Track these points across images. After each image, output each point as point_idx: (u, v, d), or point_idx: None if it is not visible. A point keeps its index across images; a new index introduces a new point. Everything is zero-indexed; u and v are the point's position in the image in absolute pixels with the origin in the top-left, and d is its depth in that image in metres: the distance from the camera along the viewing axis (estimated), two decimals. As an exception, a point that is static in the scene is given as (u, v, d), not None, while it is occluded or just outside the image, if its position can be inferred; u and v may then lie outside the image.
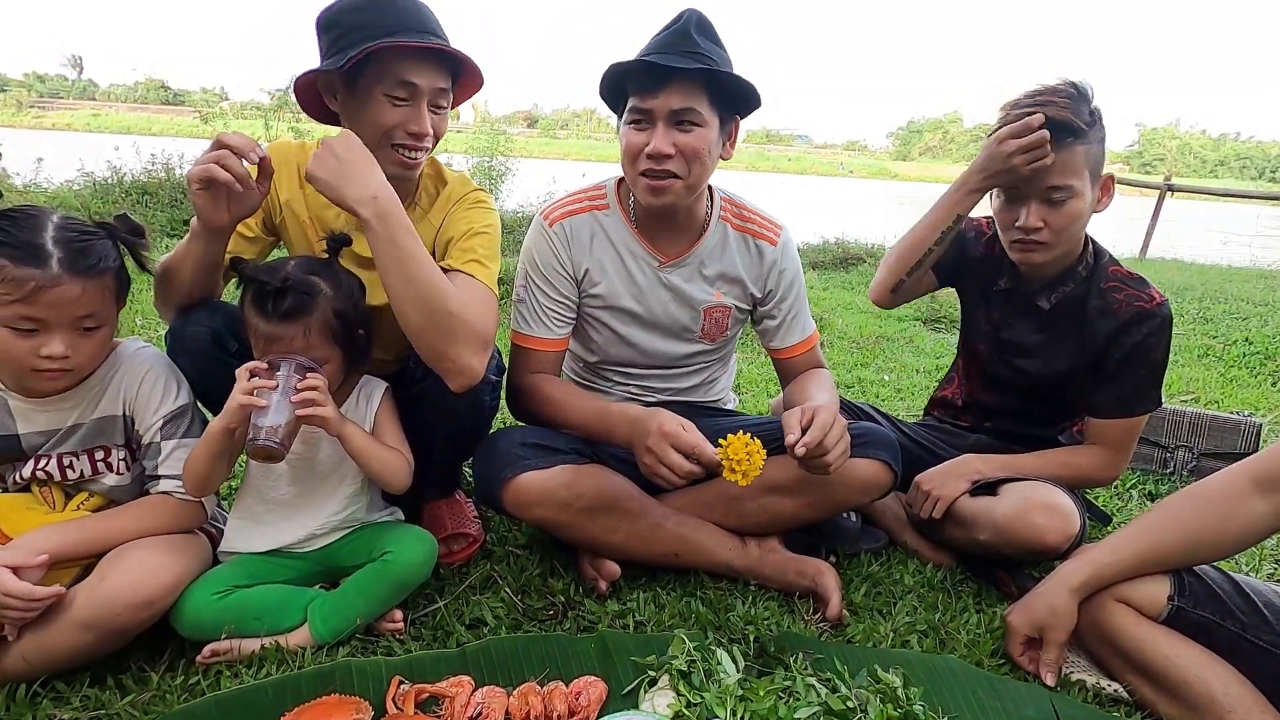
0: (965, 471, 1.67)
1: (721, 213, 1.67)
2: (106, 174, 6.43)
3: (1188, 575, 1.25)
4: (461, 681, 1.21)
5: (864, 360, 3.62)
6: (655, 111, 1.46)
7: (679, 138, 1.46)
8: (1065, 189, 1.51)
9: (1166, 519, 1.27)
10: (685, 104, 1.44)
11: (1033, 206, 1.54)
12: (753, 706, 1.09)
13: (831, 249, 6.87)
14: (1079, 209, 1.54)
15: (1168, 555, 1.25)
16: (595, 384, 1.79)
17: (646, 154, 1.47)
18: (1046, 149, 1.48)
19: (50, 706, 1.16)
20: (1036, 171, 1.51)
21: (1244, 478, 1.20)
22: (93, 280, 1.20)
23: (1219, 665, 1.18)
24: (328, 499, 1.43)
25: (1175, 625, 1.23)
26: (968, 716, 1.17)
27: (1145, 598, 1.25)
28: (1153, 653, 1.21)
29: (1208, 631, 1.20)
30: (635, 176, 1.52)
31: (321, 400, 1.26)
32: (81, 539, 1.25)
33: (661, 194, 1.51)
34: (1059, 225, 1.54)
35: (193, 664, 1.26)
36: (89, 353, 1.25)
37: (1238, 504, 1.20)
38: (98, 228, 1.26)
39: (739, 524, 1.64)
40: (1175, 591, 1.23)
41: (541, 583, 1.57)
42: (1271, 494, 1.17)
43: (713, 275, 1.67)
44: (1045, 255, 1.59)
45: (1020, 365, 1.74)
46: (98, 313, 1.22)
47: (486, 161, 8.41)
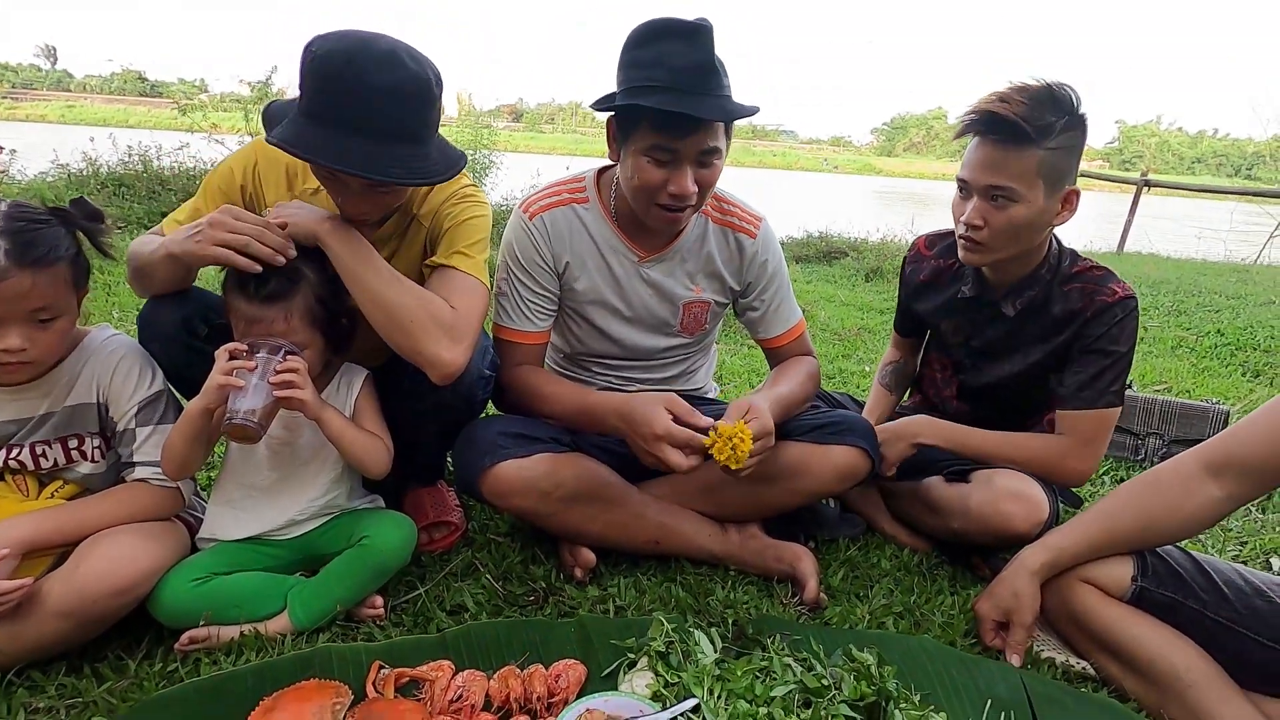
0: (908, 434, 1.71)
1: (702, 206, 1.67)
2: (81, 166, 6.32)
3: (1151, 556, 1.28)
4: (442, 665, 1.22)
5: (846, 352, 3.65)
6: (682, 153, 1.41)
7: (701, 174, 1.44)
8: (1006, 190, 1.49)
9: (1121, 504, 1.31)
10: (713, 143, 1.42)
11: (975, 203, 1.53)
12: (730, 685, 1.11)
13: (815, 242, 6.92)
14: (1022, 215, 1.50)
15: (1123, 539, 1.29)
16: (576, 374, 1.80)
17: (670, 193, 1.44)
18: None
19: (25, 695, 1.15)
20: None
21: (1196, 462, 1.24)
22: (44, 271, 1.16)
23: (1181, 642, 1.21)
24: (308, 485, 1.43)
25: (1140, 604, 1.26)
26: (940, 694, 1.20)
27: (1110, 579, 1.28)
28: (1118, 632, 1.25)
29: (1170, 610, 1.23)
30: (648, 207, 1.49)
31: (300, 383, 1.26)
32: (55, 527, 1.24)
33: (677, 224, 1.53)
34: (997, 226, 1.52)
35: (171, 652, 1.26)
36: (47, 344, 1.22)
37: (1190, 488, 1.23)
38: (50, 214, 1.22)
39: (719, 511, 1.66)
40: (1139, 572, 1.26)
41: (523, 569, 1.58)
42: (1222, 477, 1.21)
43: (692, 270, 1.67)
44: (983, 256, 1.58)
45: (993, 372, 1.75)
46: (53, 304, 1.19)
47: (470, 154, 8.37)
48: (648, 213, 1.50)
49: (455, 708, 1.12)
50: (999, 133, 1.48)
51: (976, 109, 1.51)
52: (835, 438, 1.60)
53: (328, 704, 1.10)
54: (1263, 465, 1.17)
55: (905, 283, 1.92)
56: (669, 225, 1.52)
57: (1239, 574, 1.26)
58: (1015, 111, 1.45)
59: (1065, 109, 1.48)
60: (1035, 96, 1.47)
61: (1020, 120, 1.44)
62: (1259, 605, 1.19)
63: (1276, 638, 1.16)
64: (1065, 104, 1.48)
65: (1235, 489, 1.21)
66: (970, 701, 1.17)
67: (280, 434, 1.39)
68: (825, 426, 1.63)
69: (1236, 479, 1.20)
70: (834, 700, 1.08)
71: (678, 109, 1.34)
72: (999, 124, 1.47)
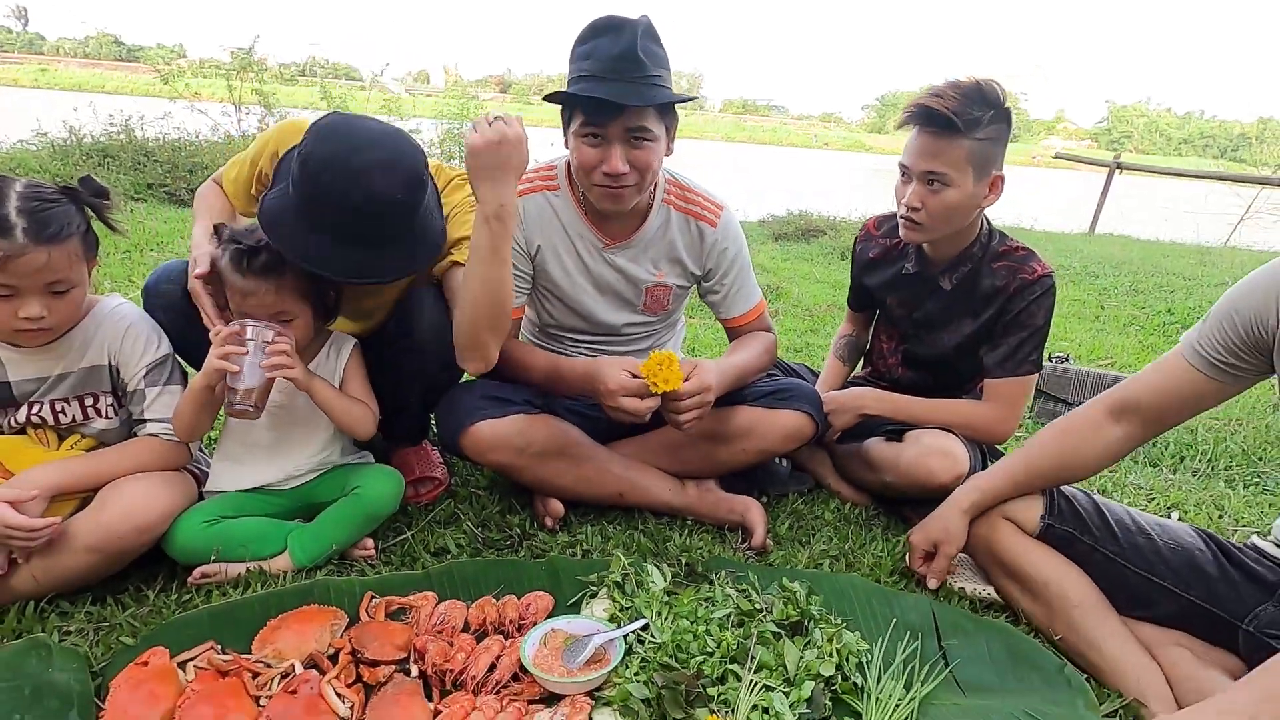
0: (853, 405, 1.90)
1: (665, 195, 1.78)
2: (64, 135, 6.29)
3: (1058, 496, 1.47)
4: (426, 596, 1.39)
5: (814, 327, 3.82)
6: (609, 134, 1.53)
7: (633, 154, 1.55)
8: (940, 176, 1.66)
9: (1038, 446, 1.48)
10: (639, 123, 1.53)
11: (914, 187, 1.71)
12: (675, 609, 1.28)
13: (795, 220, 7.05)
14: (954, 199, 1.68)
15: (1040, 476, 1.47)
16: (550, 345, 1.94)
17: (604, 172, 1.55)
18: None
19: (57, 620, 1.31)
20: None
21: (1102, 408, 1.41)
22: (58, 247, 1.28)
23: (1072, 571, 1.40)
24: (304, 443, 1.58)
25: (1047, 539, 1.45)
26: (860, 620, 1.38)
27: (1024, 517, 1.47)
28: (1023, 561, 1.44)
29: (1069, 543, 1.43)
30: (590, 185, 1.62)
31: (289, 362, 1.41)
32: (78, 474, 1.39)
33: (619, 201, 1.62)
34: (934, 209, 1.70)
35: (185, 585, 1.42)
36: (64, 312, 1.35)
37: (1096, 430, 1.41)
38: (61, 193, 1.34)
39: (679, 468, 1.83)
40: (1046, 511, 1.45)
41: (500, 518, 1.74)
42: (1123, 420, 1.38)
43: (655, 256, 1.79)
44: (922, 235, 1.77)
45: (933, 340, 1.93)
46: (66, 276, 1.32)
47: (456, 127, 8.35)
48: (592, 192, 1.63)
49: (438, 629, 1.29)
50: (934, 125, 1.65)
51: (915, 103, 1.68)
52: (784, 403, 1.77)
53: (326, 624, 1.27)
54: (1156, 410, 1.36)
55: (856, 260, 2.09)
56: (612, 203, 1.62)
57: (1129, 515, 1.45)
58: (948, 106, 1.62)
59: (992, 103, 1.65)
60: (966, 93, 1.63)
61: (952, 115, 1.61)
62: (1140, 541, 1.39)
63: (1149, 568, 1.36)
64: (992, 99, 1.65)
65: (1132, 430, 1.38)
66: (885, 625, 1.36)
67: (277, 398, 1.53)
68: (776, 393, 1.80)
69: (1134, 422, 1.37)
70: (763, 619, 1.26)
71: (591, 94, 1.49)
72: (934, 117, 1.64)
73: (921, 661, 1.27)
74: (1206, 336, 1.28)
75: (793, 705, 1.10)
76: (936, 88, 1.67)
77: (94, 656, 1.22)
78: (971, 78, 1.67)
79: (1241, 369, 1.26)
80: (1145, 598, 1.36)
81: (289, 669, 1.17)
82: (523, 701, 1.16)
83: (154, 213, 5.11)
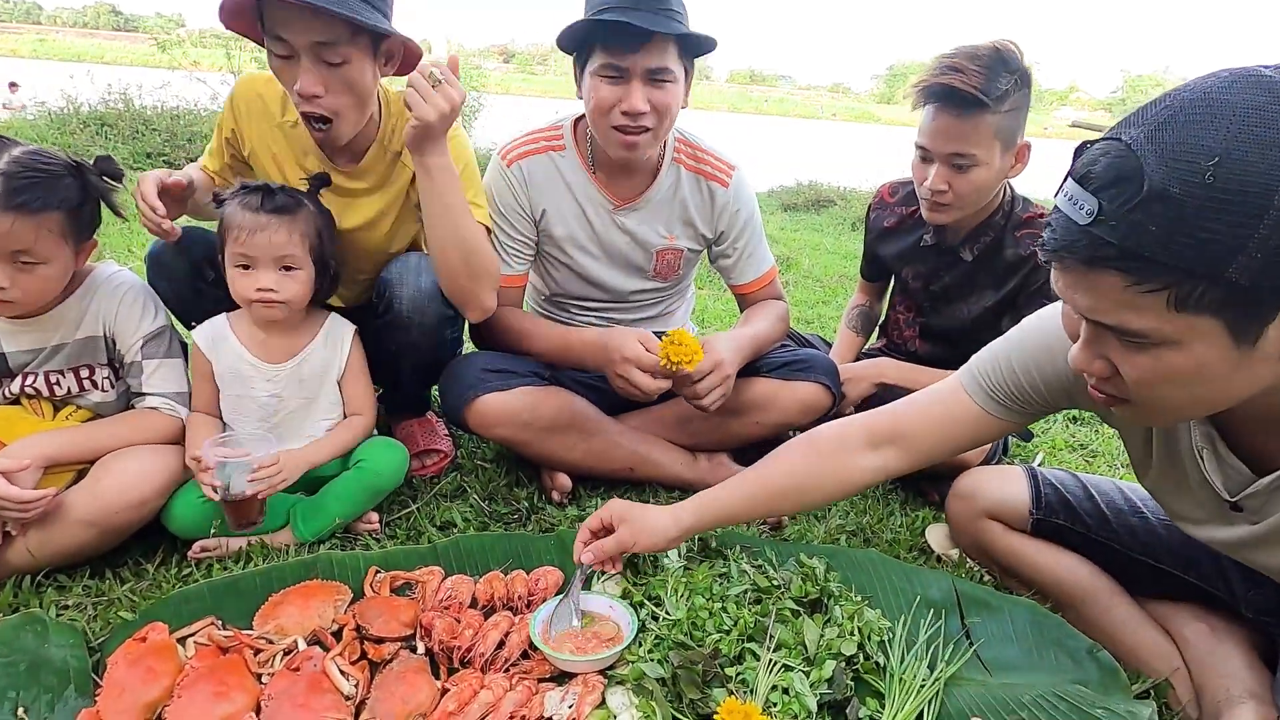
0: (871, 374, 1.84)
1: (675, 154, 1.71)
2: (61, 104, 6.21)
3: (1044, 487, 1.37)
4: (433, 571, 1.34)
5: (826, 298, 3.75)
6: (631, 70, 1.47)
7: (653, 94, 1.49)
8: (968, 157, 1.58)
9: (775, 463, 1.29)
10: (660, 63, 1.47)
11: (938, 170, 1.62)
12: (691, 585, 1.24)
13: (804, 191, 6.94)
14: (983, 177, 1.60)
15: (776, 497, 1.28)
16: (556, 315, 1.88)
17: (622, 111, 1.49)
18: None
19: (54, 594, 1.28)
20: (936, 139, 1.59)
21: (859, 431, 1.25)
22: (25, 217, 1.21)
23: (1073, 562, 1.33)
24: (297, 436, 1.52)
25: (1039, 533, 1.37)
26: (880, 597, 1.33)
27: (1011, 513, 1.38)
28: (1019, 560, 1.37)
29: (1063, 534, 1.35)
30: (607, 130, 1.54)
31: (278, 481, 1.36)
32: (74, 445, 1.35)
33: (635, 149, 1.55)
34: (961, 190, 1.62)
35: (185, 559, 1.38)
36: (30, 287, 1.27)
37: (846, 455, 1.24)
38: (67, 167, 1.28)
39: (690, 441, 1.78)
40: (1034, 506, 1.36)
41: (507, 491, 1.70)
42: (883, 448, 1.23)
43: (666, 218, 1.73)
44: (949, 216, 1.69)
45: (952, 313, 1.86)
46: (34, 250, 1.24)
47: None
48: (607, 138, 1.55)
49: (444, 605, 1.25)
50: (956, 104, 1.55)
51: (931, 80, 1.57)
52: (800, 374, 1.72)
53: (330, 600, 1.23)
54: (925, 442, 1.21)
55: (870, 229, 2.01)
56: (627, 150, 1.55)
57: (1120, 491, 1.36)
58: (971, 83, 1.51)
59: (1013, 68, 1.54)
60: (987, 64, 1.52)
61: (978, 92, 1.51)
62: (1134, 523, 1.31)
63: (1146, 551, 1.28)
64: (1013, 63, 1.55)
65: (890, 461, 1.23)
66: (906, 602, 1.31)
67: (269, 402, 1.49)
68: (791, 364, 1.74)
69: (895, 452, 1.22)
70: (782, 596, 1.21)
71: (617, 18, 1.42)
72: (956, 96, 1.53)
73: (944, 640, 1.23)
74: (991, 375, 1.15)
75: (813, 685, 1.06)
76: (952, 60, 1.55)
77: (91, 632, 1.19)
78: (988, 43, 1.56)
79: (1028, 409, 1.15)
80: (1147, 581, 1.29)
81: (291, 646, 1.13)
82: (532, 680, 1.12)
83: (153, 183, 5.02)
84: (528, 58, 66.70)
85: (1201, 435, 0.97)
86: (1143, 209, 0.70)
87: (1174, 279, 0.70)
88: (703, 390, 1.53)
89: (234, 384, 1.48)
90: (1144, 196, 0.69)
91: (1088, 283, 0.76)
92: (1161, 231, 0.69)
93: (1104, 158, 0.74)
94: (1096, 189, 0.73)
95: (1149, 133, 0.71)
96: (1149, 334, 0.75)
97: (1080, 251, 0.75)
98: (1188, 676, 1.18)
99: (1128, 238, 0.71)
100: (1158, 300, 0.72)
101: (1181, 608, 1.27)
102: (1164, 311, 0.72)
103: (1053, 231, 0.78)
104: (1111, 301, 0.75)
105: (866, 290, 2.17)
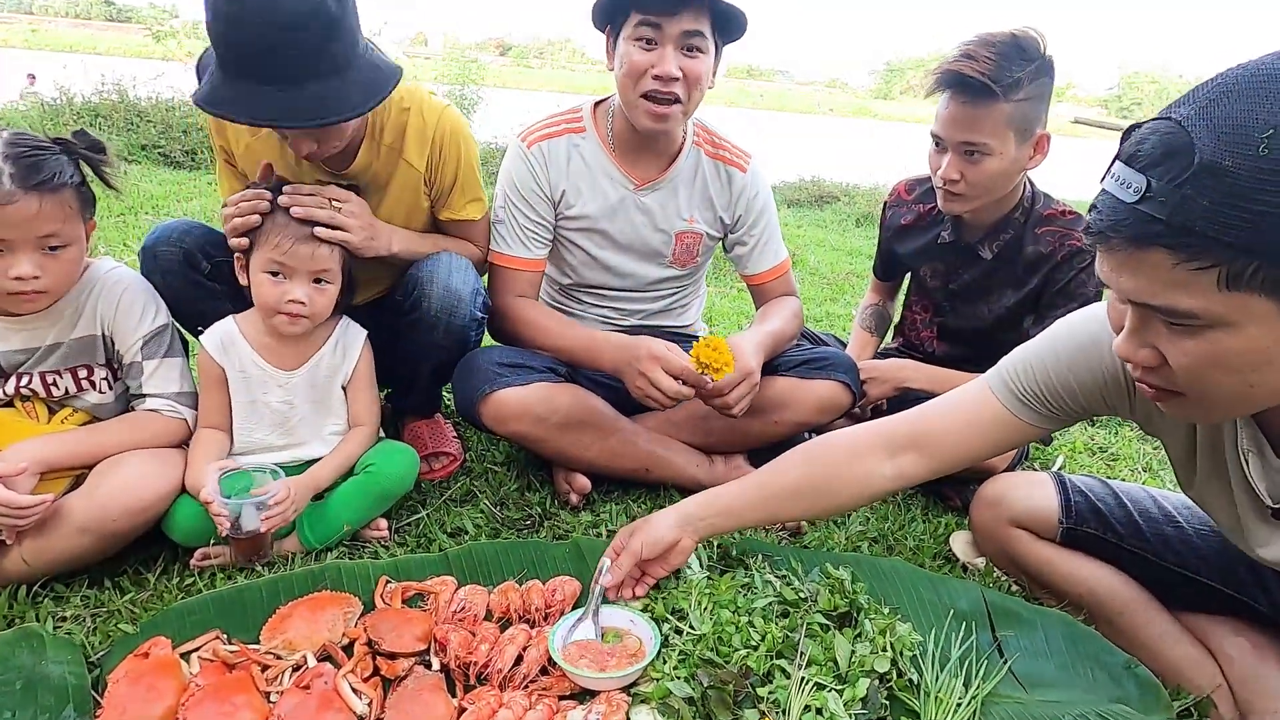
0: (894, 377, 1.80)
1: (695, 139, 1.71)
2: (55, 95, 6.11)
3: (1074, 494, 1.33)
4: (445, 581, 1.29)
5: (834, 295, 3.71)
6: (666, 33, 1.47)
7: (685, 62, 1.49)
8: (980, 146, 1.53)
9: (784, 468, 1.23)
10: (695, 27, 1.47)
11: (950, 159, 1.58)
12: (715, 598, 1.19)
13: (807, 186, 6.89)
14: (996, 167, 1.55)
15: (784, 503, 1.23)
16: (569, 306, 1.84)
17: (654, 75, 1.48)
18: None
19: (51, 605, 1.22)
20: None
21: (875, 438, 1.20)
22: (50, 196, 1.18)
23: (1107, 573, 1.28)
24: (312, 440, 1.49)
25: (1069, 543, 1.32)
26: (907, 608, 1.29)
27: (1040, 522, 1.33)
28: (1050, 572, 1.32)
29: (1093, 543, 1.30)
30: (636, 98, 1.53)
31: (286, 515, 1.32)
32: (72, 449, 1.30)
33: (663, 120, 1.54)
34: (974, 180, 1.58)
35: (187, 568, 1.33)
36: (59, 273, 1.25)
37: (859, 463, 1.19)
38: (52, 143, 1.24)
39: (706, 442, 1.73)
40: (1063, 515, 1.31)
41: (519, 496, 1.65)
42: (901, 455, 1.18)
43: (685, 199, 1.72)
44: (964, 206, 1.65)
45: (971, 312, 1.81)
46: (60, 231, 1.21)
47: (458, 90, 8.16)
48: (636, 108, 1.54)
49: (458, 617, 1.20)
50: (968, 93, 1.51)
51: (944, 68, 1.54)
52: (820, 372, 1.67)
53: (339, 612, 1.18)
54: (949, 447, 1.16)
55: (886, 226, 1.97)
56: (654, 121, 1.54)
57: (1153, 500, 1.31)
58: (983, 71, 1.47)
59: (1032, 57, 1.50)
60: (1001, 52, 1.48)
61: (989, 80, 1.47)
62: (1169, 532, 1.26)
63: (1181, 562, 1.24)
64: (1032, 52, 1.50)
65: (909, 469, 1.18)
66: (935, 614, 1.27)
67: (280, 408, 1.45)
68: (811, 362, 1.69)
69: (915, 458, 1.17)
70: (809, 610, 1.17)
71: None
72: (968, 84, 1.49)
73: (976, 654, 1.18)
74: (1023, 378, 1.10)
75: (847, 705, 1.01)
76: (968, 47, 1.52)
77: (90, 646, 1.14)
78: (1006, 31, 1.52)
79: (1060, 415, 1.11)
80: (1182, 593, 1.25)
81: (301, 661, 1.09)
82: (553, 697, 1.07)
83: (149, 174, 4.96)
84: (524, 51, 66.42)
85: (1249, 438, 0.94)
86: (1193, 183, 0.67)
87: (1225, 256, 0.68)
88: (733, 400, 1.50)
89: (245, 390, 1.43)
90: (1195, 170, 0.67)
91: (1134, 263, 0.74)
92: (1212, 206, 0.67)
93: (1153, 136, 0.72)
94: (1144, 166, 0.71)
95: (1200, 109, 0.69)
96: (1199, 314, 0.72)
97: (1127, 230, 0.73)
98: (1229, 694, 1.14)
99: (1177, 212, 0.69)
100: (1208, 279, 0.69)
101: (1220, 622, 1.23)
102: (1214, 291, 0.70)
103: (1098, 213, 0.76)
104: (1160, 282, 0.72)
105: (879, 290, 2.13)
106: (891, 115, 47.32)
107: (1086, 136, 18.00)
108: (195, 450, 1.38)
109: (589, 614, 1.18)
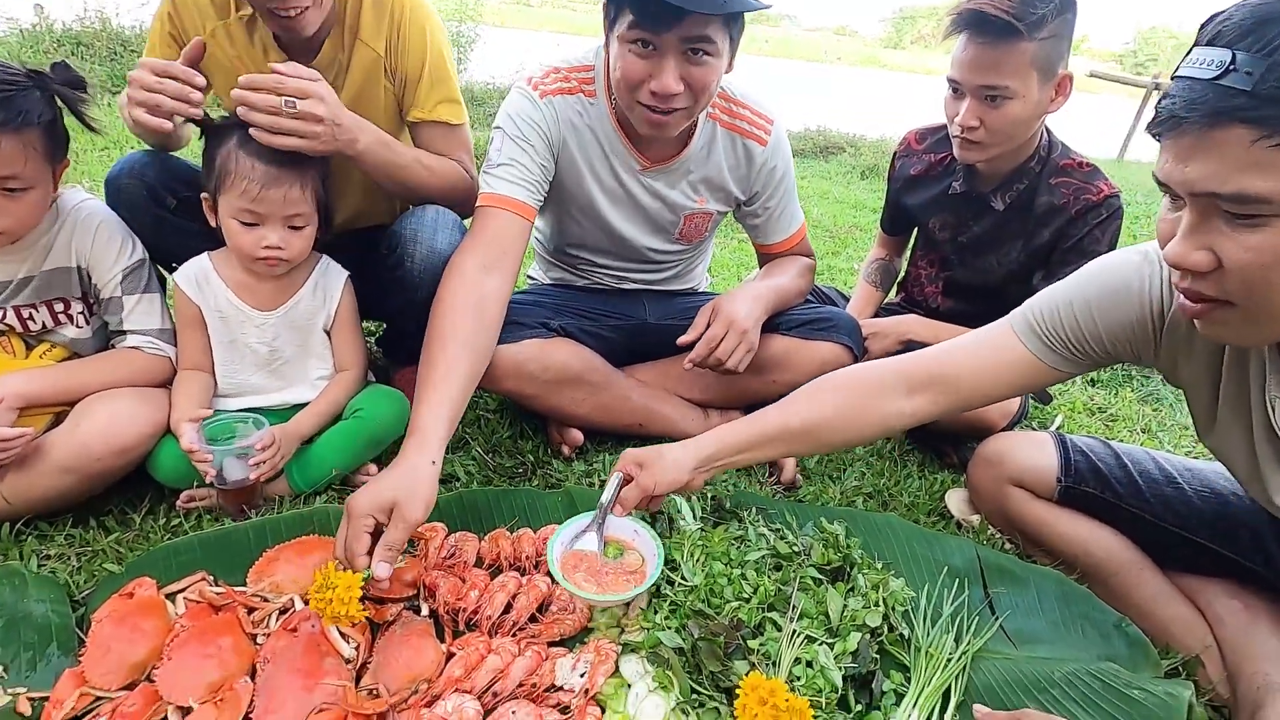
0: (896, 330, 1.77)
1: (711, 109, 1.54)
2: (34, 21, 5.85)
3: (1073, 453, 1.31)
4: (435, 527, 1.28)
5: (836, 249, 3.64)
6: (665, 45, 1.26)
7: (690, 71, 1.29)
8: (1002, 89, 1.46)
9: (806, 400, 1.22)
10: (699, 32, 1.25)
11: (969, 104, 1.50)
12: (708, 549, 1.18)
13: (813, 136, 6.70)
14: (1018, 111, 1.48)
15: (798, 438, 1.20)
16: (564, 267, 1.77)
17: (651, 90, 1.30)
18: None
19: (35, 544, 1.21)
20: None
21: (898, 373, 1.18)
22: (12, 136, 1.11)
23: (1104, 533, 1.28)
24: (299, 383, 1.46)
25: (1066, 501, 1.31)
26: (901, 564, 1.29)
27: (1037, 480, 1.32)
28: (1046, 530, 1.32)
29: (1091, 502, 1.29)
30: (632, 104, 1.36)
31: (275, 462, 1.30)
32: (52, 385, 1.26)
33: (662, 129, 1.38)
34: (995, 125, 1.50)
35: (173, 509, 1.31)
36: (17, 214, 1.18)
37: (883, 398, 1.18)
38: (28, 77, 1.16)
39: (703, 397, 1.70)
40: (1062, 473, 1.30)
41: (511, 444, 1.63)
42: (920, 393, 1.17)
43: (696, 181, 1.59)
44: (983, 154, 1.58)
45: (979, 266, 1.76)
46: (22, 173, 1.15)
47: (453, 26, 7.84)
48: (632, 111, 1.38)
49: (448, 563, 1.19)
50: (990, 32, 1.43)
51: (964, 7, 1.45)
52: (822, 334, 1.63)
53: (327, 556, 1.16)
54: (968, 387, 1.15)
55: (895, 177, 1.90)
56: (654, 130, 1.38)
57: (1153, 460, 1.30)
58: (1005, 8, 1.39)
59: None
60: None
61: (1011, 18, 1.39)
62: (1168, 493, 1.25)
63: (1181, 523, 1.23)
64: None
65: (925, 406, 1.17)
66: (928, 570, 1.27)
67: (261, 350, 1.41)
68: (813, 322, 1.65)
69: (933, 396, 1.16)
70: (802, 564, 1.16)
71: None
72: (989, 23, 1.42)
73: (968, 610, 1.18)
74: (1048, 319, 1.09)
75: (838, 658, 1.01)
76: None
77: (74, 585, 1.13)
78: None
79: (1084, 359, 1.09)
80: (1179, 553, 1.24)
81: (288, 605, 1.08)
82: (542, 645, 1.07)
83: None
84: (525, -13, 64.04)
85: (1276, 383, 0.92)
86: None
87: None
88: (724, 353, 1.45)
89: (224, 330, 1.38)
90: None
91: (1207, 145, 0.71)
92: None
93: (1239, 12, 0.71)
94: (1230, 42, 0.70)
95: None
96: (1272, 198, 0.69)
97: (1204, 106, 0.70)
98: (1219, 655, 1.14)
99: (1264, 81, 0.67)
100: None
101: (1213, 583, 1.23)
102: None
103: (1170, 99, 0.73)
104: (1233, 163, 0.70)
105: (885, 244, 2.07)
106: (901, 65, 45.96)
107: (1099, 92, 17.50)
108: (179, 390, 1.34)
109: (593, 526, 1.16)
